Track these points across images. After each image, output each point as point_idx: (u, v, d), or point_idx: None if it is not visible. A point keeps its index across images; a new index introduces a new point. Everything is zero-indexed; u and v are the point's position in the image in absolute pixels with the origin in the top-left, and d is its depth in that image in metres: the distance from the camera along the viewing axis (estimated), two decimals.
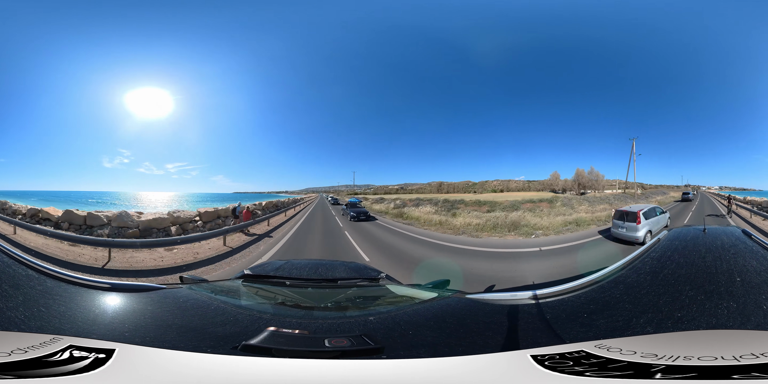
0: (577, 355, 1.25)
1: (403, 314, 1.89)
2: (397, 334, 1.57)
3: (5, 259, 1.80)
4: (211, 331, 1.55)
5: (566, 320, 1.56)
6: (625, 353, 1.21)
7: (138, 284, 1.99)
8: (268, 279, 2.71)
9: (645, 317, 1.40)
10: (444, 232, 17.18)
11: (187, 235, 12.67)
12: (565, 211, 19.15)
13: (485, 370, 1.26)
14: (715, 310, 1.37)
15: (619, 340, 1.30)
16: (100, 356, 1.23)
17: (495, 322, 1.71)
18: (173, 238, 12.38)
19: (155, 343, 1.36)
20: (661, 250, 2.02)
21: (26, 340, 1.25)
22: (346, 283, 2.66)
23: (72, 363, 1.18)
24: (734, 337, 1.24)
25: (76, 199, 22.46)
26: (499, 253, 12.42)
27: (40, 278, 1.72)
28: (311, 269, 3.03)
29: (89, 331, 1.41)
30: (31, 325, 1.37)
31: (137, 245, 11.28)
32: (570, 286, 1.81)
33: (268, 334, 1.40)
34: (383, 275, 2.96)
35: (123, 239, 12.87)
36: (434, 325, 1.71)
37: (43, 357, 1.18)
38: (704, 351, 1.15)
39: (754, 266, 1.69)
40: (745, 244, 2.02)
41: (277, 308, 2.19)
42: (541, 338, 1.44)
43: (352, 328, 1.63)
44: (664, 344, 1.23)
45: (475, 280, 8.74)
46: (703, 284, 1.54)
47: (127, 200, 26.90)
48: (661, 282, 1.64)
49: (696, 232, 2.37)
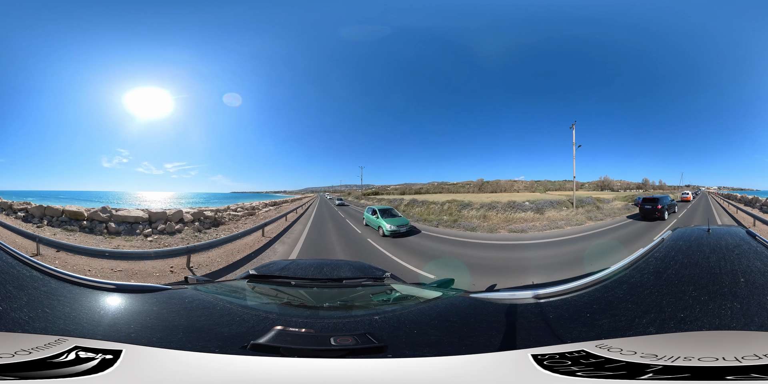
0: (577, 355, 1.26)
1: (408, 313, 1.90)
2: (401, 333, 1.58)
3: (9, 259, 1.80)
4: (218, 332, 1.55)
5: (569, 320, 1.56)
6: (626, 353, 1.21)
7: (143, 285, 1.99)
8: (273, 279, 2.72)
9: (648, 317, 1.40)
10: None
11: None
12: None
13: (487, 370, 1.27)
14: (719, 310, 1.37)
15: (621, 340, 1.30)
16: (107, 357, 1.23)
17: (498, 321, 1.72)
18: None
19: (162, 343, 1.36)
20: (664, 250, 2.02)
21: (30, 341, 1.24)
22: (351, 282, 2.67)
23: (79, 364, 1.18)
24: (737, 338, 1.24)
25: (76, 199, 22.42)
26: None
27: (45, 279, 1.72)
28: (316, 269, 3.04)
29: (94, 332, 1.41)
30: (36, 326, 1.36)
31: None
32: (573, 286, 1.82)
33: (275, 333, 1.41)
34: (388, 274, 2.97)
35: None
36: (438, 324, 1.72)
37: (48, 358, 1.18)
38: (706, 352, 1.15)
39: (759, 267, 1.68)
40: (749, 245, 2.02)
41: (283, 308, 2.20)
42: (543, 338, 1.45)
43: (357, 327, 1.64)
44: (665, 345, 1.23)
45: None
46: (707, 285, 1.54)
47: (131, 200, 26.85)
48: (665, 282, 1.64)
49: (700, 232, 2.36)
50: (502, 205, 18.86)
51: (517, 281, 8.38)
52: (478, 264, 10.31)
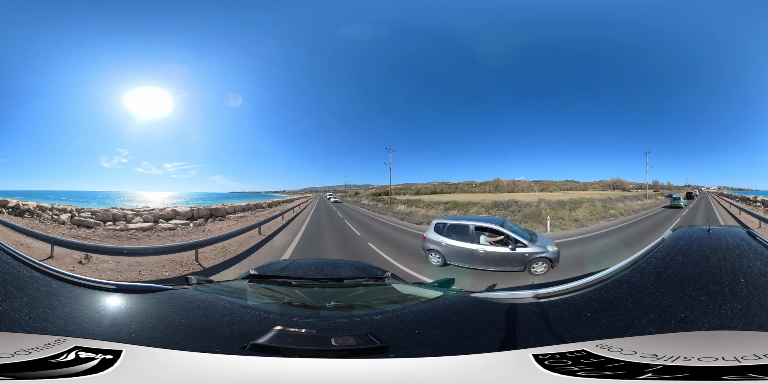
0: (578, 355, 1.26)
1: (409, 313, 1.90)
2: (403, 333, 1.58)
3: (9, 260, 1.80)
4: (219, 332, 1.55)
5: (569, 319, 1.56)
6: (626, 353, 1.21)
7: (143, 285, 1.99)
8: (274, 279, 2.71)
9: (648, 317, 1.40)
10: None
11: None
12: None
13: (489, 370, 1.27)
14: (719, 311, 1.37)
15: (621, 340, 1.30)
16: (107, 357, 1.23)
17: (499, 320, 1.73)
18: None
19: (163, 344, 1.36)
20: (665, 251, 2.02)
21: (30, 341, 1.24)
22: (352, 282, 2.67)
23: (78, 364, 1.18)
24: (737, 339, 1.24)
25: (78, 199, 22.39)
26: None
27: (45, 279, 1.71)
28: (317, 269, 3.04)
29: (95, 332, 1.41)
30: (36, 327, 1.36)
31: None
32: (573, 286, 1.82)
33: (275, 333, 1.41)
34: (389, 274, 2.97)
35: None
36: (439, 324, 1.72)
37: (47, 358, 1.17)
38: (705, 352, 1.15)
39: (759, 267, 1.69)
40: (750, 245, 2.02)
41: (284, 308, 2.19)
42: (543, 337, 1.45)
43: (358, 327, 1.64)
44: (665, 344, 1.23)
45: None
46: (707, 285, 1.54)
47: (133, 200, 26.80)
48: (665, 282, 1.64)
49: (701, 232, 2.37)
50: (572, 202, 21.64)
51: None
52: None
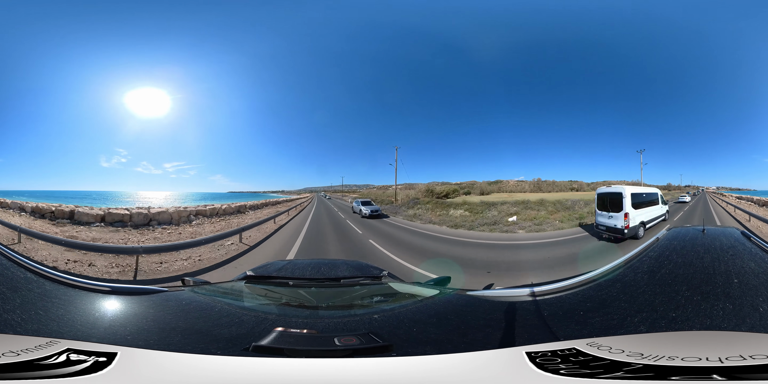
0: (568, 353, 1.26)
1: (407, 311, 1.91)
2: (401, 332, 1.58)
3: (3, 261, 1.79)
4: (217, 333, 1.54)
5: (563, 317, 1.57)
6: (614, 352, 1.21)
7: (139, 287, 1.98)
8: (271, 279, 2.71)
9: (640, 316, 1.41)
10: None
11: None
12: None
13: (483, 368, 1.27)
14: (711, 311, 1.37)
15: (611, 339, 1.30)
16: (100, 360, 1.21)
17: (494, 318, 1.73)
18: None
19: (160, 345, 1.34)
20: (659, 250, 2.03)
21: (21, 343, 1.23)
22: (349, 281, 2.67)
23: (69, 366, 1.16)
24: (725, 339, 1.24)
25: (78, 199, 22.34)
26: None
27: (39, 281, 1.71)
28: (314, 269, 3.04)
29: (89, 334, 1.40)
30: (28, 328, 1.35)
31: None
32: (568, 284, 1.83)
33: (277, 334, 1.40)
34: (385, 273, 2.97)
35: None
36: (437, 322, 1.73)
37: (36, 360, 1.16)
38: (691, 352, 1.14)
39: (752, 268, 1.69)
40: (744, 246, 2.03)
41: (282, 308, 2.19)
42: (537, 335, 1.45)
43: (358, 326, 1.64)
44: (653, 344, 1.23)
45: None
46: (700, 285, 1.54)
47: (133, 200, 26.72)
48: (658, 282, 1.64)
49: (695, 232, 2.37)
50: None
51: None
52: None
